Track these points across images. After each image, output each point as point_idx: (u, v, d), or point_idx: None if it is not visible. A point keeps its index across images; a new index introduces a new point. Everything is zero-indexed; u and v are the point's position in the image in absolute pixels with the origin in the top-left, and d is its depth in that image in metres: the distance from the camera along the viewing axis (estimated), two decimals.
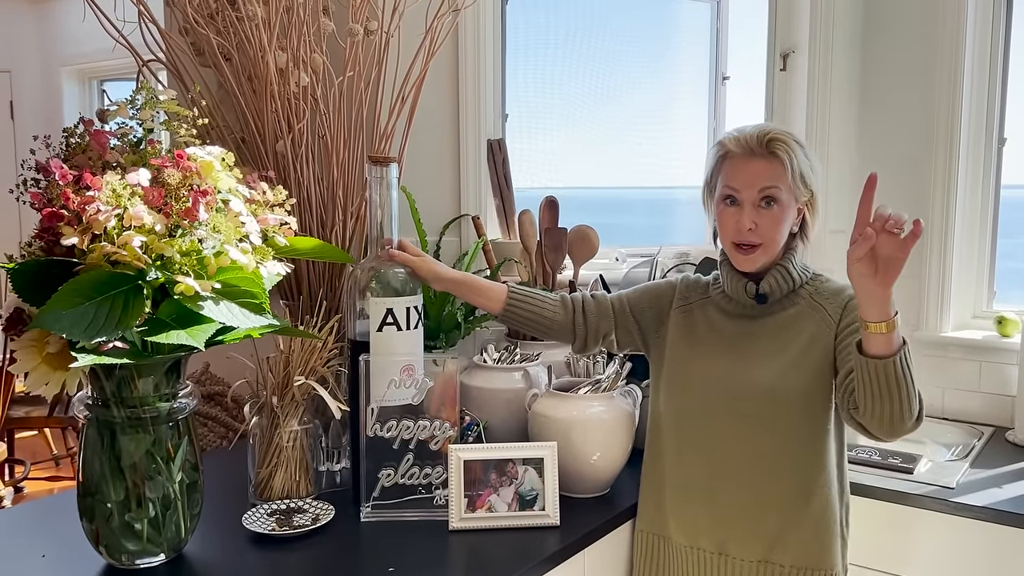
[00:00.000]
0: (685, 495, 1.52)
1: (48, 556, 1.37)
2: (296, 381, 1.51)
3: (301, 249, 1.37)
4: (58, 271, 1.11)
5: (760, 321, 1.49)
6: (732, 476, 1.47)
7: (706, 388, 1.49)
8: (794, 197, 1.42)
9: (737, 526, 1.48)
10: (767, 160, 1.41)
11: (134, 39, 1.78)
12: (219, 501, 1.53)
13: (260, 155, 1.74)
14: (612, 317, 1.60)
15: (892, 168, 2.29)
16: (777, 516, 1.45)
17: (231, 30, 1.69)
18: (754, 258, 1.44)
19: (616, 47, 2.58)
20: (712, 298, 1.55)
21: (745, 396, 1.45)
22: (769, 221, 1.42)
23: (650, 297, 1.61)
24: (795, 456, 1.44)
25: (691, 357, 1.52)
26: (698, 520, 1.51)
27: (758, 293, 1.47)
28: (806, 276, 1.49)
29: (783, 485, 1.45)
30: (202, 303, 1.13)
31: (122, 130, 1.23)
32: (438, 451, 1.52)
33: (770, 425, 1.44)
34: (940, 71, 2.21)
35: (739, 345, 1.49)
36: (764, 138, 1.41)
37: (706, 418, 1.49)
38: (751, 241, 1.43)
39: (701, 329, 1.53)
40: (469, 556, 1.41)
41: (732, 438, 1.46)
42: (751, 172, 1.42)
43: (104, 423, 1.25)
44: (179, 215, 1.12)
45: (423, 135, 2.01)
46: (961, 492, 1.71)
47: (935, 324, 2.26)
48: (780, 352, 1.45)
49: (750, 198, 1.41)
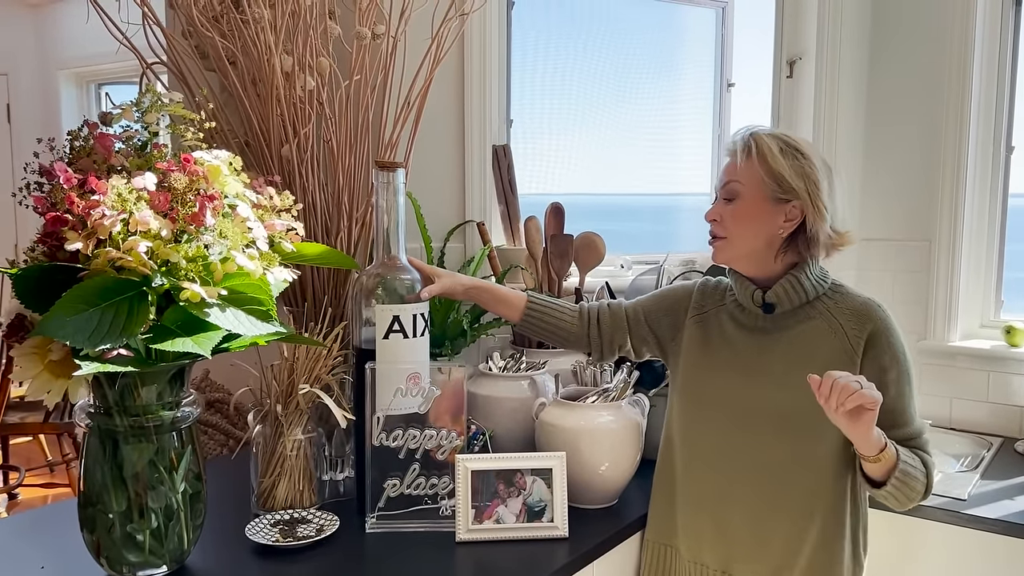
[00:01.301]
0: (693, 508, 1.50)
1: (47, 568, 1.34)
2: (301, 389, 1.49)
3: (308, 255, 1.35)
4: (61, 277, 1.08)
5: (774, 336, 1.44)
6: (739, 495, 1.44)
7: (717, 403, 1.46)
8: (767, 196, 1.38)
9: (742, 546, 1.44)
10: (736, 157, 1.41)
11: (136, 41, 1.76)
12: (220, 510, 1.50)
13: (265, 159, 1.71)
14: (626, 328, 1.59)
15: (899, 176, 2.28)
16: (784, 540, 1.41)
17: (236, 33, 1.66)
18: (717, 248, 1.45)
19: (621, 53, 2.57)
20: (727, 306, 1.51)
21: (755, 415, 1.42)
22: (728, 215, 1.42)
23: (666, 305, 1.58)
24: (805, 479, 1.40)
25: (704, 369, 1.49)
26: (703, 535, 1.48)
27: (765, 303, 1.44)
28: (823, 287, 1.43)
29: (791, 508, 1.41)
30: (208, 310, 1.10)
31: (127, 133, 1.21)
32: (444, 461, 1.49)
33: (780, 446, 1.40)
34: (948, 79, 2.21)
35: (751, 361, 1.44)
36: (743, 135, 1.42)
37: (716, 433, 1.46)
38: (714, 232, 1.44)
39: (715, 340, 1.50)
40: (477, 568, 1.38)
41: (740, 456, 1.43)
42: (725, 168, 1.44)
43: (106, 432, 1.22)
44: (185, 220, 1.10)
45: (427, 140, 1.99)
46: (973, 504, 1.69)
47: (942, 333, 2.24)
48: (794, 371, 1.38)
49: (720, 192, 1.44)
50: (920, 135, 2.27)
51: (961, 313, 2.26)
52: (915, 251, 2.27)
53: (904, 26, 2.28)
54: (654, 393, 1.78)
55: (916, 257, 2.27)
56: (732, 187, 1.41)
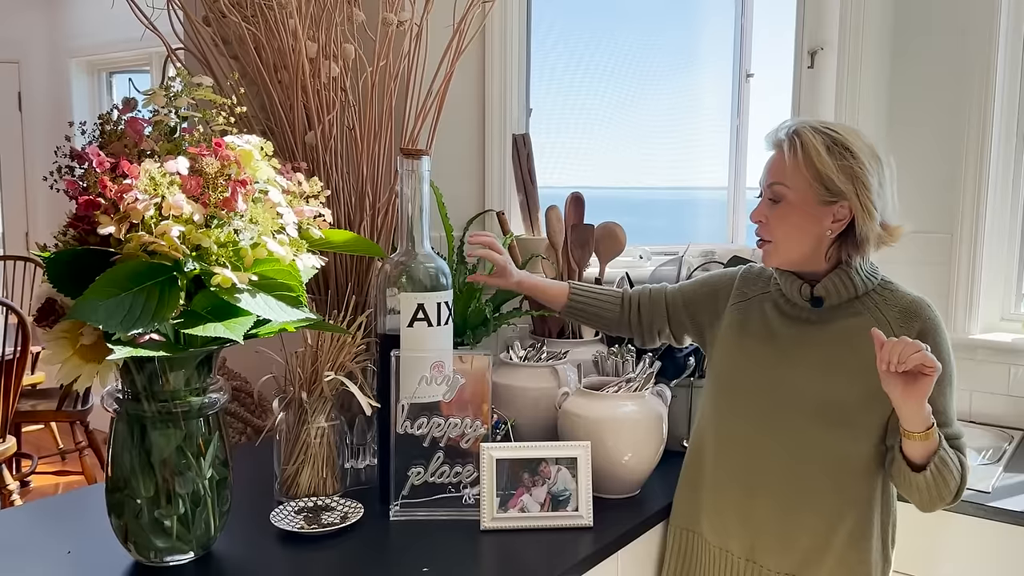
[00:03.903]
0: (720, 495, 1.49)
1: (72, 553, 1.34)
2: (325, 376, 1.48)
3: (335, 242, 1.34)
4: (93, 261, 1.08)
5: (817, 327, 1.41)
6: (768, 485, 1.42)
7: (752, 391, 1.45)
8: (814, 199, 1.34)
9: (768, 536, 1.43)
10: (780, 153, 1.37)
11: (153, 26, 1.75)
12: (244, 497, 1.49)
13: (289, 146, 1.71)
14: (665, 314, 1.59)
15: (921, 168, 2.26)
16: (812, 536, 1.40)
17: (259, 19, 1.65)
18: (766, 253, 1.41)
19: (639, 44, 2.55)
20: (771, 293, 1.49)
21: (791, 406, 1.40)
22: (774, 219, 1.38)
23: (707, 291, 1.57)
24: (836, 473, 1.38)
25: (741, 356, 1.48)
26: (729, 523, 1.48)
27: (813, 296, 1.40)
28: (872, 282, 1.40)
29: (821, 504, 1.39)
30: (239, 295, 1.10)
31: (157, 118, 1.20)
32: (468, 449, 1.49)
33: (813, 439, 1.38)
34: (972, 69, 2.19)
35: (791, 351, 1.42)
36: (786, 131, 1.36)
37: (748, 422, 1.45)
38: (760, 235, 1.40)
39: (755, 327, 1.47)
40: (502, 557, 1.38)
41: (772, 446, 1.42)
42: (769, 165, 1.40)
43: (134, 417, 1.22)
44: (217, 205, 1.10)
45: (447, 128, 1.98)
46: (997, 497, 1.69)
47: (963, 326, 2.23)
48: (835, 365, 1.37)
49: (764, 192, 1.39)
50: (943, 127, 2.25)
51: (982, 306, 2.24)
52: (936, 243, 2.26)
53: (928, 17, 2.26)
54: (676, 384, 1.78)
55: (937, 249, 2.26)
56: (777, 190, 1.36)
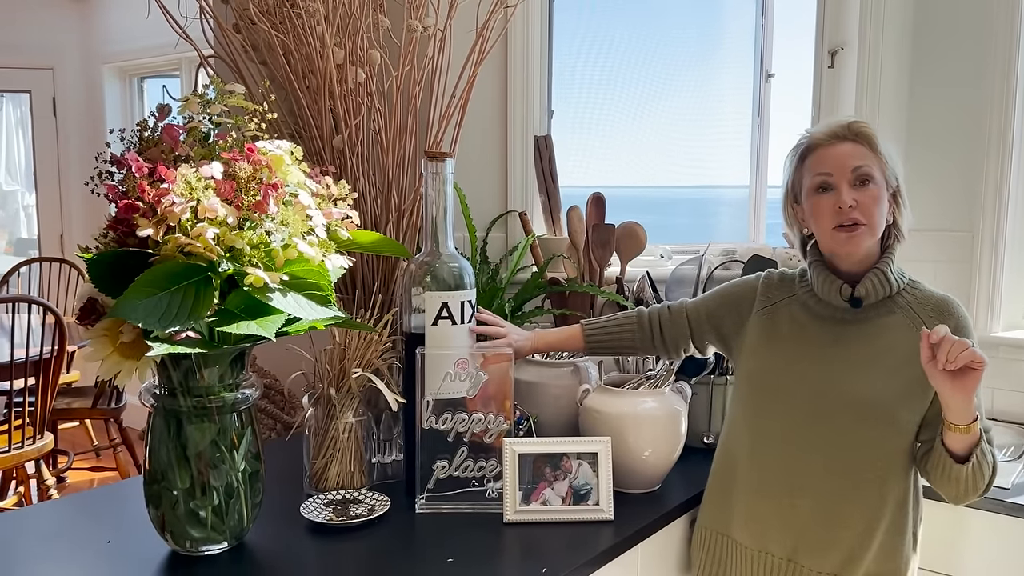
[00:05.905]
0: (756, 497, 1.48)
1: (112, 542, 1.40)
2: (353, 373, 1.53)
3: (362, 243, 1.39)
4: (132, 262, 1.13)
5: (852, 326, 1.43)
6: (809, 484, 1.42)
7: (789, 392, 1.44)
8: (886, 181, 1.39)
9: (810, 536, 1.43)
10: (854, 143, 1.39)
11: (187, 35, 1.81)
12: (275, 490, 1.55)
13: (317, 150, 1.76)
14: (688, 331, 1.61)
15: (942, 166, 2.27)
16: (855, 531, 1.40)
17: (287, 26, 1.71)
18: (859, 238, 1.37)
19: (660, 44, 2.58)
20: (799, 296, 1.49)
21: (830, 404, 1.40)
22: (869, 199, 1.37)
23: (729, 302, 1.57)
24: (878, 470, 1.39)
25: (773, 359, 1.47)
26: (768, 525, 1.47)
27: (853, 296, 1.41)
28: (903, 282, 1.43)
29: (864, 499, 1.40)
30: (270, 294, 1.15)
31: (191, 124, 1.25)
32: (491, 444, 1.53)
33: (855, 436, 1.39)
34: (993, 67, 2.19)
35: (827, 350, 1.43)
36: (849, 123, 1.40)
37: (787, 422, 1.44)
38: (854, 219, 1.36)
39: (785, 329, 1.48)
40: (525, 548, 1.41)
41: (812, 445, 1.42)
42: (842, 154, 1.39)
43: (171, 412, 1.27)
44: (249, 208, 1.14)
45: (470, 130, 2.02)
46: (1016, 493, 1.69)
47: (985, 324, 2.23)
48: (873, 363, 1.39)
49: (845, 179, 1.37)
50: (964, 125, 2.25)
51: (1004, 303, 2.24)
52: (958, 241, 2.27)
53: (949, 15, 2.26)
54: (696, 381, 1.80)
55: (959, 247, 2.26)
56: (867, 171, 1.37)
